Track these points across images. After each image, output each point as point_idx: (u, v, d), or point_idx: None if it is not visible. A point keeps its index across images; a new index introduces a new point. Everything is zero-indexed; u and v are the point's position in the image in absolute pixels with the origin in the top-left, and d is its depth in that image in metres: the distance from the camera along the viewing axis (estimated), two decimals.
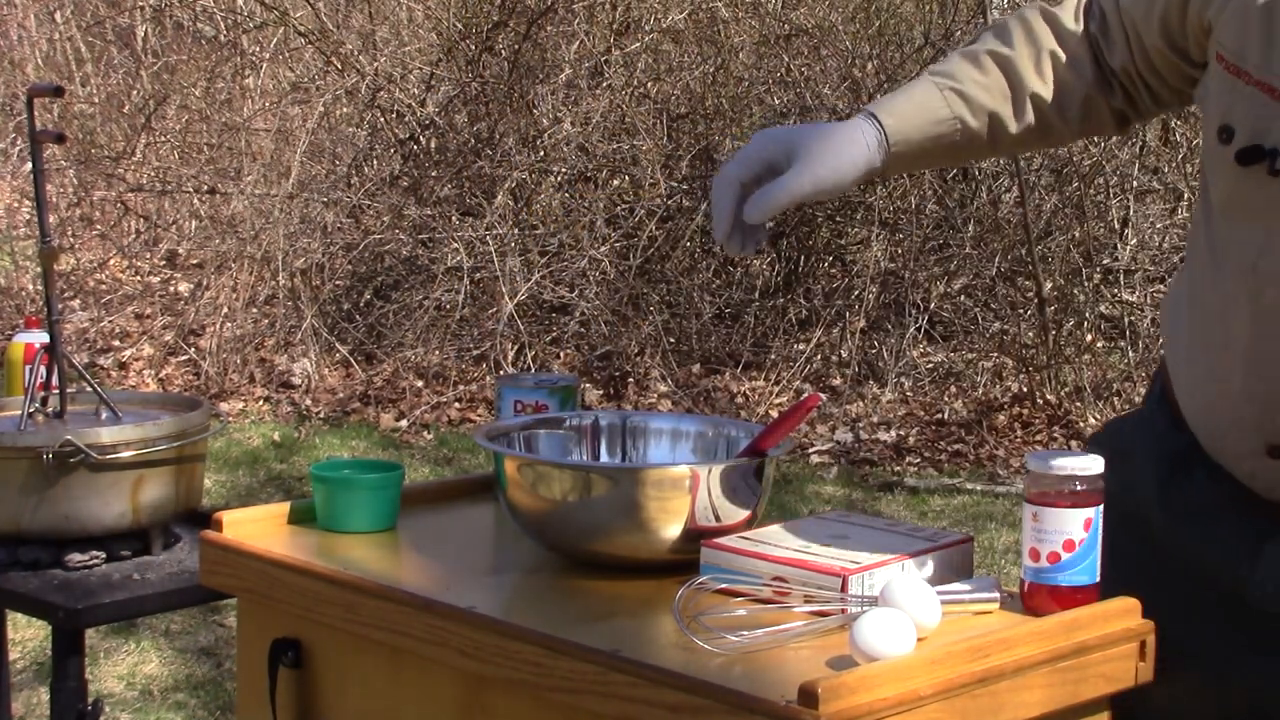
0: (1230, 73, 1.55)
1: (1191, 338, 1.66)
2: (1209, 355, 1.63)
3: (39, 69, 9.39)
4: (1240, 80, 1.53)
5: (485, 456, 3.73)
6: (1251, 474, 1.61)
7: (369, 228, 7.34)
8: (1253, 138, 1.52)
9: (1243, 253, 1.56)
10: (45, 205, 2.44)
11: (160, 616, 4.27)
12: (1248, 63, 1.53)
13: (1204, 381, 1.64)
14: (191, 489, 2.37)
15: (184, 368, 6.94)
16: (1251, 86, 1.52)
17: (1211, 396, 1.63)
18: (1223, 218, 1.60)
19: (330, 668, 1.66)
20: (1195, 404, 1.66)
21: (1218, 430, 1.63)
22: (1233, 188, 1.56)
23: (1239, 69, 1.54)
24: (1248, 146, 1.52)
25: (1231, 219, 1.58)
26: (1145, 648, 1.51)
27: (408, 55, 7.92)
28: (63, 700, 2.19)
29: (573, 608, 1.56)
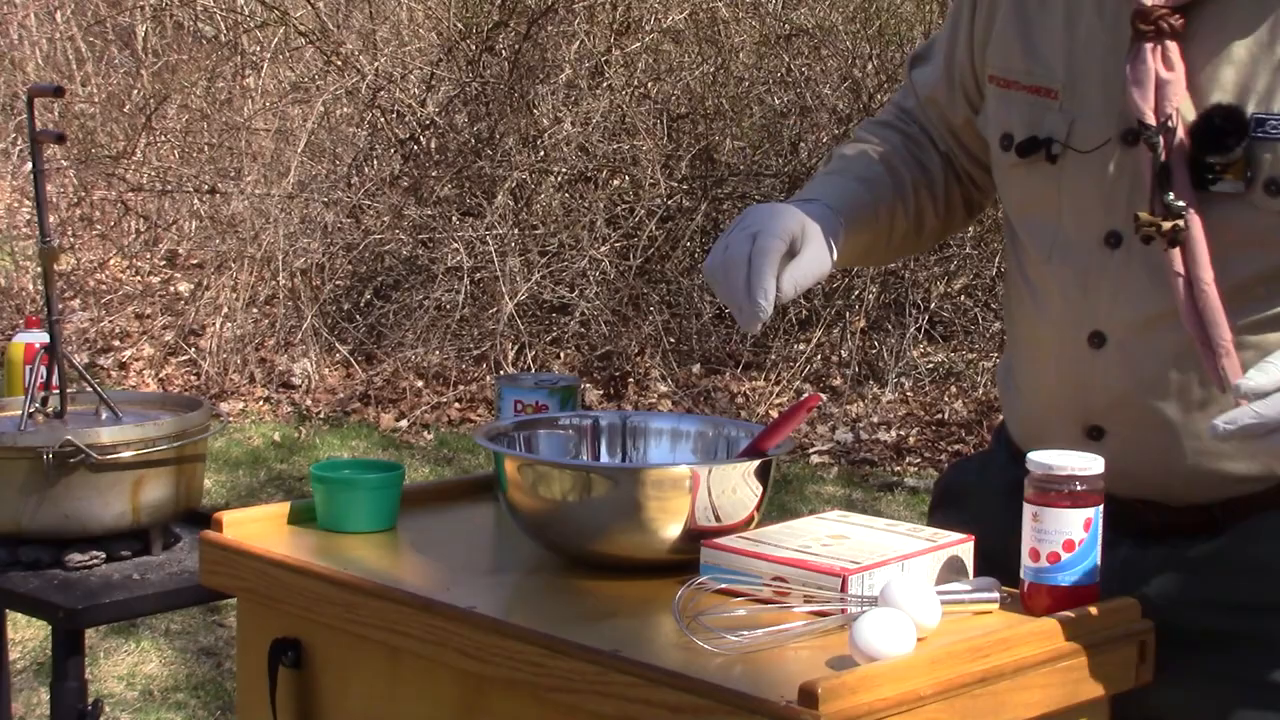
0: (1003, 87, 1.74)
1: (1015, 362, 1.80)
2: (1029, 367, 1.77)
3: (39, 69, 9.39)
4: (1012, 90, 1.73)
5: (485, 456, 3.74)
6: None
7: (369, 228, 7.34)
8: (1029, 132, 1.70)
9: (1040, 248, 1.71)
10: (45, 205, 2.44)
11: (160, 616, 4.27)
12: (1015, 73, 1.73)
13: (1027, 394, 1.77)
14: (191, 489, 2.37)
15: (184, 368, 6.94)
16: (1022, 92, 1.72)
17: (1034, 406, 1.76)
18: (1020, 226, 1.75)
19: (330, 668, 1.66)
20: (1021, 418, 1.80)
21: (1044, 434, 1.71)
22: (1022, 188, 1.74)
23: (1009, 81, 1.73)
24: (1025, 139, 1.70)
25: (1027, 223, 1.73)
26: (1145, 648, 1.51)
27: (408, 55, 7.92)
28: (63, 700, 2.19)
29: (573, 608, 1.56)
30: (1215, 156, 1.57)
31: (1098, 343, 1.66)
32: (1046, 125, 1.69)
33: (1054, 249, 1.70)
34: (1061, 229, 1.69)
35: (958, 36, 1.83)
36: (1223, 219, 1.58)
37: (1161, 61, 1.59)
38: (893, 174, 1.84)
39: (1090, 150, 1.66)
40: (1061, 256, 1.69)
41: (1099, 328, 1.66)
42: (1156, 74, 1.59)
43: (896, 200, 1.83)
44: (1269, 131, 1.56)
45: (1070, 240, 1.68)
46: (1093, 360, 1.67)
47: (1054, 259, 1.70)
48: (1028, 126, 1.70)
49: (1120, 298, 1.65)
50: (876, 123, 1.92)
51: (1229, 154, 1.56)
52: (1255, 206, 1.57)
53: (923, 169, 1.87)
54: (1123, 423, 1.66)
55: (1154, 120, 1.58)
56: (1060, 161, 1.68)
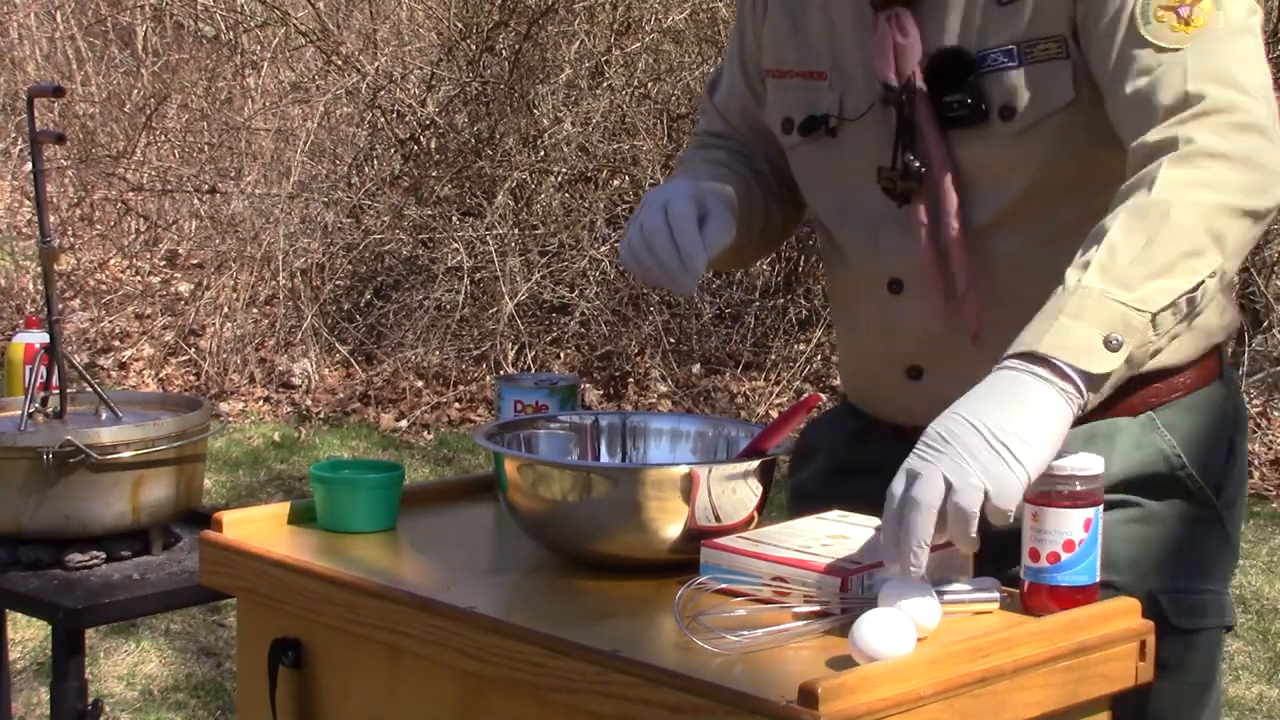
0: (778, 77, 1.92)
1: (836, 319, 1.99)
2: (847, 322, 1.95)
3: (39, 68, 9.39)
4: (786, 79, 1.91)
5: (485, 456, 3.74)
6: (906, 409, 1.83)
7: (369, 228, 7.33)
8: (807, 113, 1.88)
9: (831, 214, 1.89)
10: (45, 205, 2.44)
11: (160, 616, 4.27)
12: (787, 63, 1.90)
13: (849, 346, 1.97)
14: (191, 489, 2.37)
15: (184, 368, 6.94)
16: (796, 79, 1.89)
17: (857, 356, 1.95)
18: (813, 199, 1.93)
19: (330, 668, 1.66)
20: (850, 371, 2.00)
21: (871, 383, 1.92)
22: (809, 164, 1.91)
23: (783, 71, 1.91)
24: (805, 120, 1.87)
25: (818, 195, 1.92)
26: (1145, 648, 1.51)
27: (408, 55, 7.92)
28: (63, 700, 2.19)
29: (573, 608, 1.56)
30: (951, 96, 1.75)
31: (897, 289, 1.82)
32: (822, 104, 1.86)
33: (845, 212, 1.87)
34: (849, 193, 1.86)
35: (744, 46, 1.99)
36: (972, 155, 1.76)
37: (897, 28, 1.77)
38: (734, 174, 1.95)
39: (859, 117, 1.83)
40: (853, 217, 1.86)
41: (895, 275, 1.82)
42: (894, 40, 1.77)
43: (745, 194, 1.93)
44: (991, 65, 1.73)
45: (858, 200, 1.84)
46: (896, 305, 1.83)
47: (847, 221, 1.87)
48: (805, 108, 1.88)
49: (906, 245, 1.80)
50: (697, 146, 2.06)
51: (963, 91, 1.74)
52: (996, 135, 1.74)
53: (754, 170, 1.99)
54: (936, 360, 1.81)
55: (896, 82, 1.77)
56: (839, 133, 1.85)
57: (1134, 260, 1.51)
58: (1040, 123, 1.73)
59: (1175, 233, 1.53)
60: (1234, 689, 4.22)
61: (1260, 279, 6.78)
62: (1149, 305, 1.50)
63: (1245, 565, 5.12)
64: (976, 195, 1.77)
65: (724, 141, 2.04)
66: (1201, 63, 1.62)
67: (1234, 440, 1.88)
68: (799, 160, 1.92)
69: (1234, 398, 1.90)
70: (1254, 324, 6.77)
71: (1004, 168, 1.75)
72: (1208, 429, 1.84)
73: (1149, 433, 1.80)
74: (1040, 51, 1.72)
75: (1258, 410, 6.38)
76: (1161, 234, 1.52)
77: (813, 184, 1.92)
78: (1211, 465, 1.83)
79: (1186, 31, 1.63)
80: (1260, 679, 4.29)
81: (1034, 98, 1.72)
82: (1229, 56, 1.63)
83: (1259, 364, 6.57)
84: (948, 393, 1.64)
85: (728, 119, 2.04)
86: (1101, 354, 1.49)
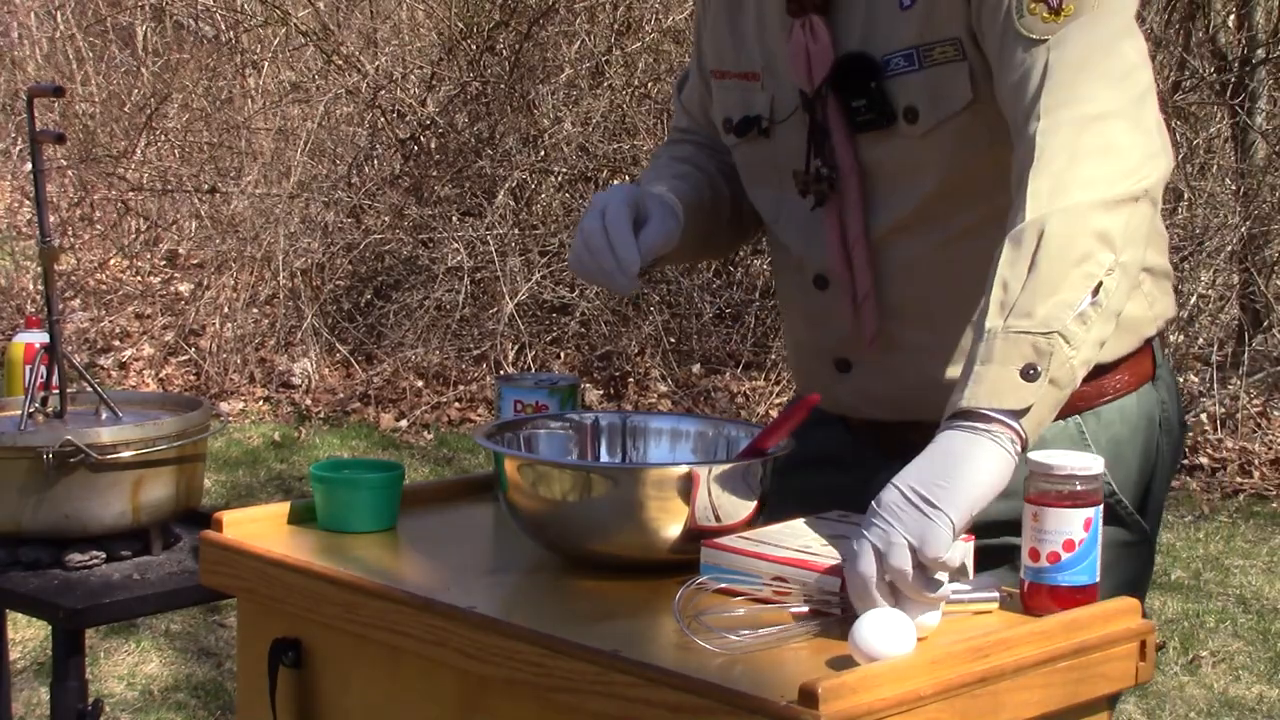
0: (719, 78, 1.96)
1: (781, 312, 2.03)
2: (787, 317, 2.01)
3: (39, 69, 9.39)
4: (727, 80, 1.95)
5: (485, 456, 3.74)
6: (838, 400, 1.91)
7: (369, 227, 7.33)
8: (743, 113, 1.92)
9: (768, 210, 1.94)
10: (45, 205, 2.44)
11: (160, 616, 4.27)
12: (727, 64, 1.94)
13: (790, 339, 2.05)
14: (191, 489, 2.37)
15: (184, 368, 6.94)
16: (734, 79, 1.93)
17: (799, 350, 2.01)
18: (754, 196, 1.97)
19: (330, 668, 1.66)
20: (794, 365, 2.06)
21: (808, 374, 1.98)
22: (748, 163, 1.95)
23: (723, 72, 1.95)
24: (741, 120, 1.92)
25: (757, 193, 1.96)
26: (1145, 648, 1.51)
27: (409, 55, 7.92)
28: (63, 700, 2.19)
29: (573, 608, 1.56)
30: (858, 100, 1.79)
31: (822, 285, 1.88)
32: (756, 105, 1.91)
33: (780, 210, 1.92)
34: (783, 191, 1.90)
35: (700, 46, 2.03)
36: (881, 157, 1.80)
37: (809, 34, 1.81)
38: (697, 169, 2.00)
39: (786, 119, 1.87)
40: (786, 215, 1.91)
41: (820, 271, 1.87)
42: (806, 46, 1.81)
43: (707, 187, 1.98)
44: (895, 69, 1.76)
45: (791, 199, 1.88)
46: (821, 300, 1.88)
47: (781, 218, 1.92)
48: (741, 108, 1.92)
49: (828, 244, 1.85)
50: (668, 143, 2.11)
51: (868, 96, 1.78)
52: (903, 137, 1.77)
53: (720, 162, 2.02)
54: (859, 354, 1.88)
55: (809, 88, 1.82)
56: (772, 134, 1.90)
57: (1025, 288, 1.53)
58: (942, 124, 1.75)
59: (1056, 247, 1.54)
60: (1234, 689, 4.22)
61: (1260, 279, 6.78)
62: (1052, 325, 1.52)
63: (1245, 565, 5.12)
64: (884, 198, 1.81)
65: (691, 136, 2.09)
66: (1061, 54, 1.63)
67: (1161, 447, 1.89)
68: (739, 159, 1.97)
69: (1166, 399, 1.90)
70: (1254, 324, 6.77)
71: (911, 170, 1.79)
72: (1136, 444, 1.85)
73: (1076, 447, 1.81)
74: (938, 54, 1.74)
75: (1258, 410, 6.38)
76: (1043, 253, 1.54)
77: (751, 182, 1.97)
78: (1140, 485, 1.87)
79: (1056, 21, 1.65)
80: (1260, 679, 4.29)
81: (934, 100, 1.75)
82: (1090, 44, 1.63)
83: (1259, 364, 6.57)
84: (873, 386, 1.80)
85: (692, 115, 2.09)
86: (1021, 387, 1.50)
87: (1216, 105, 7.32)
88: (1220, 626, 4.62)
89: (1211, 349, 6.52)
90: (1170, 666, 4.31)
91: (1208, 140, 7.43)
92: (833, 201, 1.83)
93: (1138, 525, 1.86)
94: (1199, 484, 5.89)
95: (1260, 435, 6.24)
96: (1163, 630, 4.47)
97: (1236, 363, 6.45)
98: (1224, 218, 6.90)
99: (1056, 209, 1.55)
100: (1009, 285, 1.54)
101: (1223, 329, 6.85)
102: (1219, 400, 6.26)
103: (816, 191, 1.83)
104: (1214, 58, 7.31)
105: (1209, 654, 4.42)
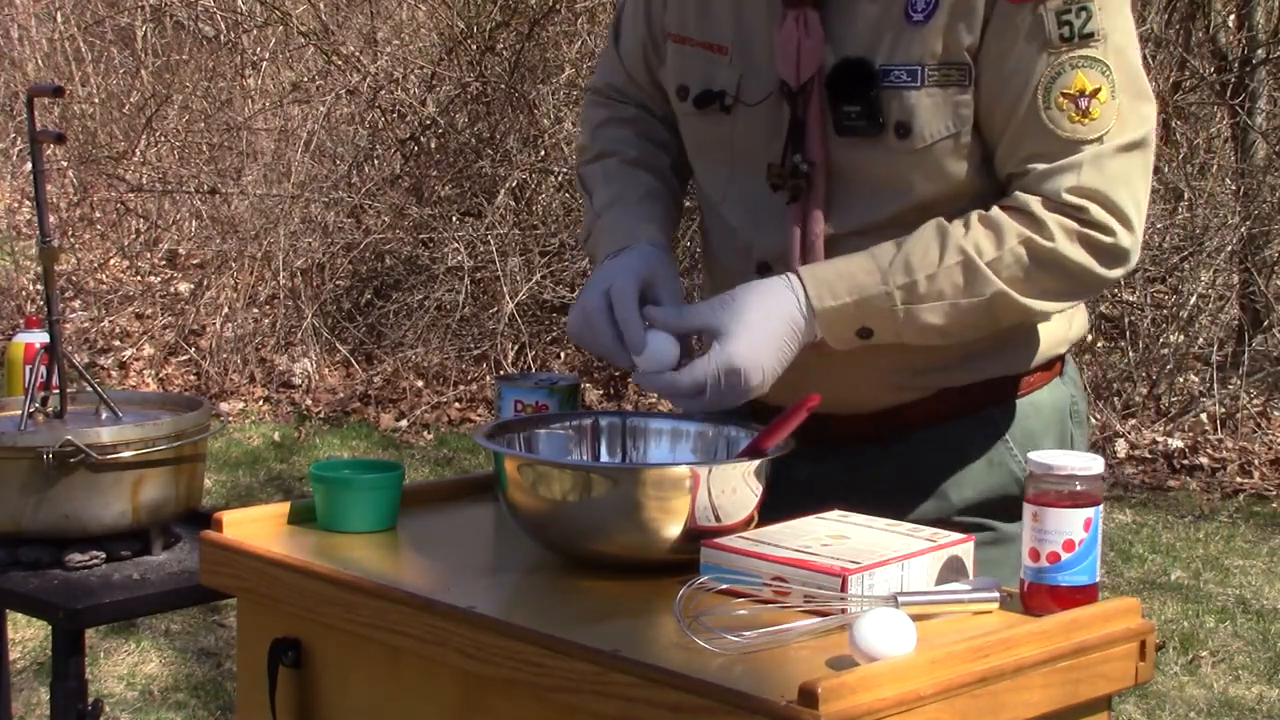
0: (678, 43, 1.92)
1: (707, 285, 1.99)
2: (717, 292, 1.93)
3: (39, 69, 9.39)
4: (686, 46, 1.91)
5: (485, 456, 3.73)
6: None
7: (370, 227, 7.34)
8: (704, 85, 1.88)
9: (715, 187, 1.92)
10: (45, 205, 2.44)
11: (160, 616, 4.27)
12: (689, 30, 1.90)
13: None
14: (191, 489, 2.37)
15: (184, 368, 6.94)
16: (696, 48, 1.89)
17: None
18: (698, 169, 1.95)
19: (330, 668, 1.66)
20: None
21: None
22: (698, 135, 1.92)
23: (684, 38, 1.91)
24: (701, 93, 1.88)
25: (703, 167, 1.94)
26: (1145, 648, 1.51)
27: (409, 55, 7.92)
28: (63, 700, 2.19)
29: (573, 608, 1.56)
30: (850, 106, 1.77)
31: (765, 271, 1.84)
32: (720, 79, 1.87)
33: (728, 189, 1.90)
34: (734, 173, 1.88)
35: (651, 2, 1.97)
36: (860, 163, 1.78)
37: (803, 28, 1.78)
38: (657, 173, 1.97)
39: (756, 103, 1.84)
40: (734, 195, 1.89)
41: (765, 259, 1.85)
42: (799, 41, 1.78)
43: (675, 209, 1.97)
44: (893, 81, 1.75)
45: (742, 181, 1.87)
46: None
47: (728, 198, 1.90)
48: (703, 80, 1.88)
49: (779, 235, 1.83)
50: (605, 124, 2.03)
51: (861, 103, 1.77)
52: (888, 149, 1.77)
53: (666, 151, 2.00)
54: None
55: (795, 83, 1.79)
56: (733, 112, 1.86)
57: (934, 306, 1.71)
58: (935, 144, 1.75)
59: (974, 311, 1.72)
60: (1234, 689, 4.22)
61: (1260, 279, 6.78)
62: (910, 339, 1.72)
63: (1245, 565, 5.12)
64: (853, 203, 1.80)
65: (630, 104, 2.03)
66: (1093, 176, 1.71)
67: (1074, 438, 1.95)
68: (689, 128, 1.94)
69: (1071, 387, 1.96)
70: (1254, 324, 6.77)
71: (889, 181, 1.78)
72: (1050, 436, 1.91)
73: (998, 448, 1.87)
74: (942, 75, 1.74)
75: (1258, 410, 6.38)
76: (965, 302, 1.71)
77: (700, 154, 1.94)
78: None
79: (1084, 124, 1.71)
80: (1260, 679, 4.29)
81: (931, 119, 1.75)
82: (1119, 177, 1.72)
83: (1259, 364, 6.57)
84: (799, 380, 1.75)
85: (631, 72, 2.02)
86: (848, 340, 1.73)
87: (1216, 105, 7.32)
88: (1220, 626, 4.62)
89: (1211, 349, 6.52)
90: (1170, 666, 4.31)
91: (1208, 140, 7.43)
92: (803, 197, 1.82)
93: None
94: (1199, 484, 5.89)
95: (1260, 435, 6.23)
96: (1163, 630, 4.47)
97: (1236, 363, 6.45)
98: (1224, 218, 6.90)
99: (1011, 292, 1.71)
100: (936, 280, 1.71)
101: (1223, 329, 6.85)
102: (1219, 400, 6.26)
103: (793, 187, 1.81)
104: (1214, 58, 7.31)
105: (1209, 654, 4.42)
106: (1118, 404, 6.44)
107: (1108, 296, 6.80)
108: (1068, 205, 1.70)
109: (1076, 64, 1.71)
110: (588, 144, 2.03)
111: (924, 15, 1.74)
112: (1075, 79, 1.71)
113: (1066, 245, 1.70)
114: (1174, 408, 6.42)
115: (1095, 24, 1.71)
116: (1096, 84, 1.71)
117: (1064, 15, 1.70)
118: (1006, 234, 1.70)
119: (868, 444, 1.87)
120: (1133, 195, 1.73)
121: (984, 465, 1.87)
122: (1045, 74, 1.71)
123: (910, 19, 1.75)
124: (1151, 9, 7.04)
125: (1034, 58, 1.71)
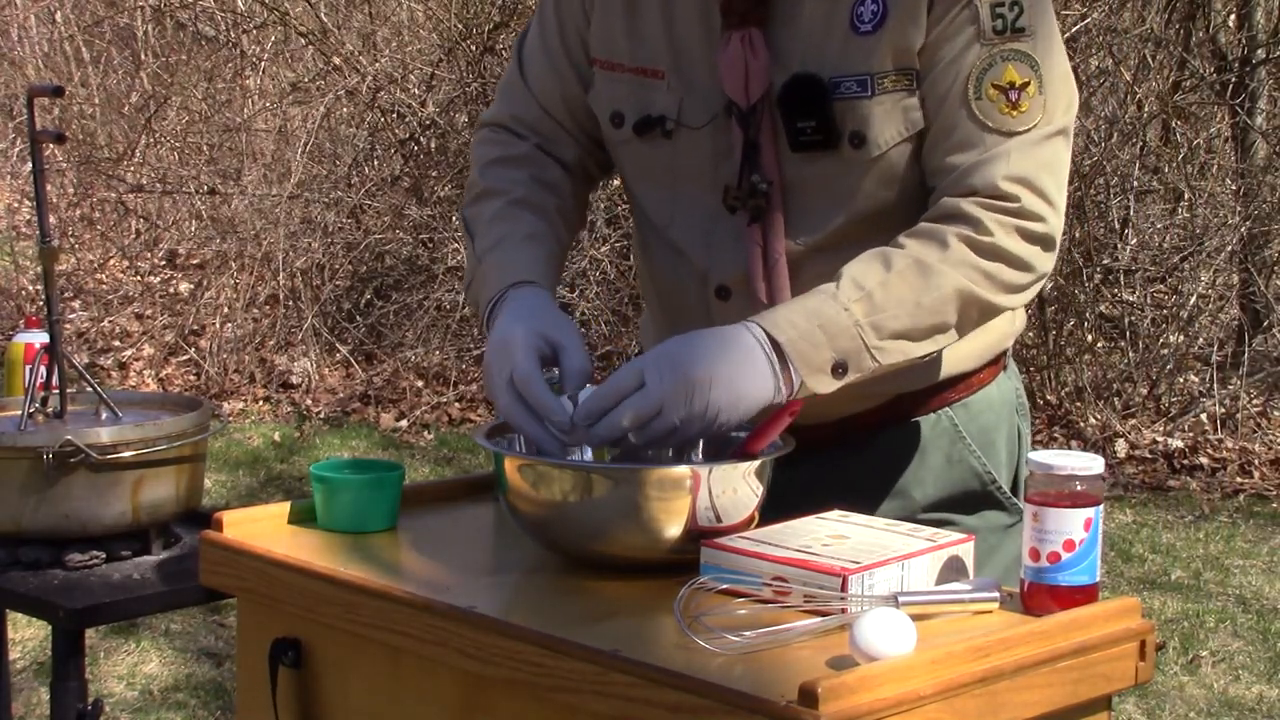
0: (607, 69, 1.88)
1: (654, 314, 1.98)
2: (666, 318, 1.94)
3: (39, 69, 9.40)
4: (617, 73, 1.87)
5: (485, 456, 3.73)
6: None
7: (369, 228, 7.34)
8: (641, 111, 1.85)
9: (659, 212, 1.89)
10: (45, 205, 2.44)
11: (160, 616, 4.27)
12: (620, 56, 1.86)
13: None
14: (191, 489, 2.37)
15: (184, 368, 6.94)
16: (628, 74, 1.86)
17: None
18: (640, 196, 1.92)
19: (330, 668, 1.66)
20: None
21: None
22: (637, 162, 1.90)
23: (614, 64, 1.87)
24: (640, 119, 1.85)
25: (645, 193, 1.91)
26: (1145, 648, 1.51)
27: (408, 56, 7.92)
28: (63, 700, 2.19)
29: (573, 608, 1.56)
30: (805, 121, 1.76)
31: (724, 295, 1.84)
32: (658, 104, 1.84)
33: (675, 213, 1.87)
34: (680, 197, 1.86)
35: (564, 23, 1.92)
36: (816, 177, 1.78)
37: (749, 48, 1.77)
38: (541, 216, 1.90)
39: (700, 126, 1.82)
40: (682, 219, 1.87)
41: (724, 283, 1.84)
42: (745, 61, 1.77)
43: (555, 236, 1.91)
44: (844, 93, 1.75)
45: (690, 207, 1.86)
46: (722, 311, 1.83)
47: (675, 223, 1.87)
48: (639, 106, 1.85)
49: (737, 255, 1.82)
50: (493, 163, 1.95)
51: (816, 117, 1.76)
52: (844, 160, 1.77)
53: (556, 193, 1.93)
54: None
55: (745, 104, 1.78)
56: (675, 136, 1.84)
57: (896, 312, 1.67)
58: (890, 150, 1.76)
59: (938, 307, 1.69)
60: (1234, 689, 4.23)
61: (1260, 279, 6.78)
62: (884, 359, 1.68)
63: (1245, 565, 5.13)
64: (810, 217, 1.80)
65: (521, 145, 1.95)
66: (1022, 162, 1.72)
67: (1021, 429, 1.97)
68: (628, 154, 1.90)
69: (1015, 380, 1.99)
70: (1254, 324, 6.77)
71: (845, 191, 1.79)
72: (1002, 430, 1.94)
73: (956, 445, 1.89)
74: (891, 83, 1.75)
75: (1258, 410, 6.38)
76: (927, 299, 1.69)
77: (641, 180, 1.91)
78: (1010, 468, 1.95)
79: (1013, 116, 1.73)
80: (1260, 679, 4.30)
81: (884, 126, 1.75)
82: (1045, 164, 1.73)
83: (1259, 364, 6.57)
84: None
85: (544, 103, 1.95)
86: (826, 379, 1.67)
87: (1216, 105, 7.32)
88: (1220, 626, 4.62)
89: (1211, 349, 6.52)
90: (1170, 666, 4.31)
91: (1208, 140, 7.43)
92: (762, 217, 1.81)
93: (1015, 507, 1.92)
94: (1199, 484, 5.89)
95: (1260, 435, 6.24)
96: (1163, 630, 4.47)
97: (1236, 363, 6.45)
98: (1224, 218, 6.90)
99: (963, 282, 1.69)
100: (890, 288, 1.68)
101: (1223, 329, 6.85)
102: (1219, 400, 6.26)
103: (753, 207, 1.79)
104: (1214, 58, 7.31)
105: (1209, 654, 4.42)
106: (1118, 404, 6.44)
107: (1107, 296, 6.81)
108: (1003, 194, 1.71)
109: (1008, 56, 1.73)
110: (475, 180, 1.96)
111: (872, 25, 1.75)
112: (1006, 71, 1.73)
113: (1004, 238, 1.71)
114: (1174, 408, 6.42)
115: (1026, 19, 1.74)
116: (1026, 78, 1.73)
117: (998, 8, 1.73)
118: (944, 236, 1.70)
119: (832, 448, 1.87)
120: (1057, 180, 1.74)
121: (943, 463, 1.89)
122: (977, 65, 1.73)
123: (857, 29, 1.75)
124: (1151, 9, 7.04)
125: (967, 48, 1.73)
